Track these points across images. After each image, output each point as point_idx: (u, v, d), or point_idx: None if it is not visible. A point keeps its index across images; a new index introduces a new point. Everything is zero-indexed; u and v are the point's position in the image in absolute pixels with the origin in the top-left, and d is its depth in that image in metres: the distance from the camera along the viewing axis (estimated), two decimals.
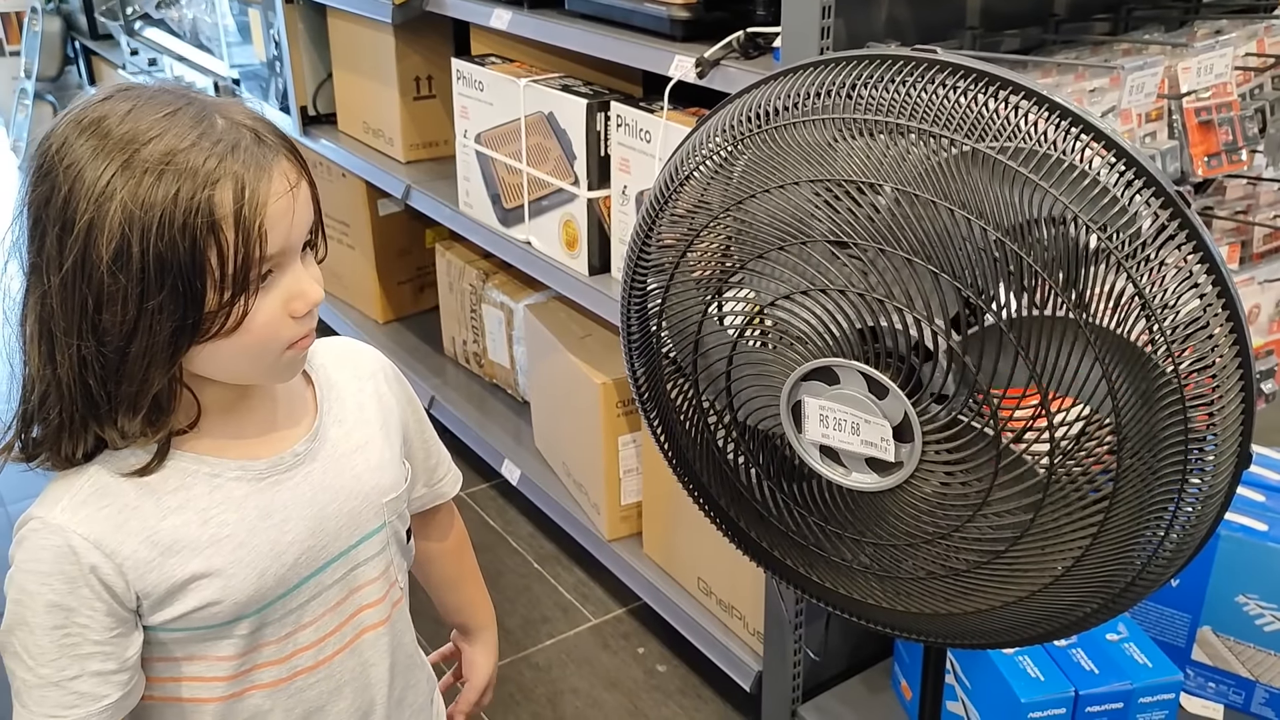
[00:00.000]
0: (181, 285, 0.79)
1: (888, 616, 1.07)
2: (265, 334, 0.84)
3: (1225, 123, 1.43)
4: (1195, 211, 0.80)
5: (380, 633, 1.00)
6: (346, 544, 0.96)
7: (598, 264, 1.94)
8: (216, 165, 0.80)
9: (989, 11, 1.50)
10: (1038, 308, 0.82)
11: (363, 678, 1.00)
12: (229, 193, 0.80)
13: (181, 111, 0.82)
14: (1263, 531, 1.52)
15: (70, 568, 0.84)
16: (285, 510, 0.92)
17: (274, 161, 0.83)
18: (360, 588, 0.98)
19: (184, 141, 0.80)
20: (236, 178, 0.80)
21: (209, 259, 0.80)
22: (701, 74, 1.50)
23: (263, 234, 0.81)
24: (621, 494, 2.04)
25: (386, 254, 2.91)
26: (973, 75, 0.84)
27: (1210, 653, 1.60)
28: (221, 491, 0.89)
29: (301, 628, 0.94)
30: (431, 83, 2.54)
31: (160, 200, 0.78)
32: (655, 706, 1.92)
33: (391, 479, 1.00)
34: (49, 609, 0.84)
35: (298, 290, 0.85)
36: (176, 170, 0.79)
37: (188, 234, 0.79)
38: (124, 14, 3.88)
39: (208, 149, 0.80)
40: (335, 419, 0.97)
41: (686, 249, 0.99)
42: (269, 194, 0.81)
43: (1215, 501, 0.86)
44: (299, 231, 0.85)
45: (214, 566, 0.88)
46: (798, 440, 0.98)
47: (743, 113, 0.94)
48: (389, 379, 1.05)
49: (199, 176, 0.79)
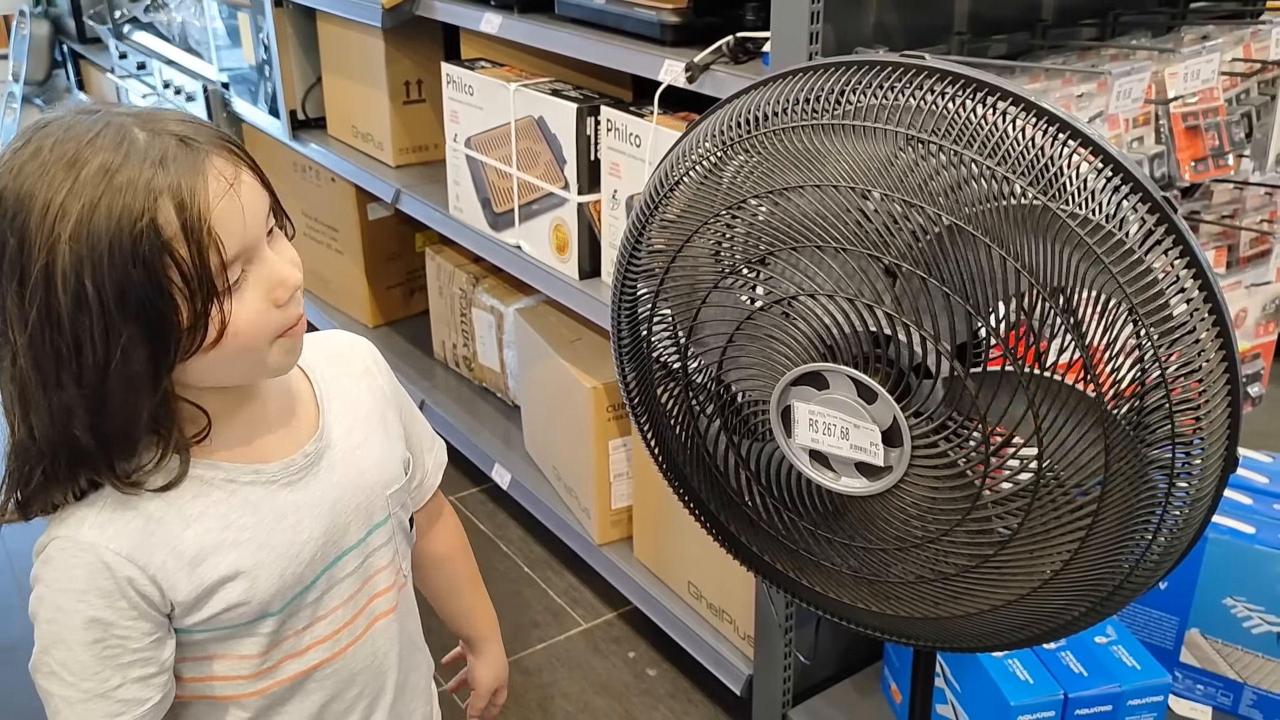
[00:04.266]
0: (148, 313, 0.79)
1: (877, 620, 1.07)
2: (253, 331, 0.84)
3: (1212, 127, 1.43)
4: (1182, 216, 0.81)
5: (390, 620, 1.03)
6: (357, 538, 0.98)
7: (588, 268, 1.94)
8: (149, 185, 0.78)
9: (977, 17, 1.50)
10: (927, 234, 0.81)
11: (374, 665, 1.02)
12: (169, 209, 0.78)
13: (101, 136, 0.79)
14: (1250, 534, 1.52)
15: (106, 583, 0.85)
16: (299, 511, 0.93)
17: (206, 163, 0.80)
18: (371, 578, 1.00)
19: (112, 167, 0.78)
20: (173, 192, 0.78)
21: (170, 279, 0.78)
22: (691, 78, 1.50)
23: (216, 240, 0.80)
24: (612, 498, 2.04)
25: (376, 258, 2.91)
26: (960, 81, 0.85)
27: (1198, 655, 1.60)
28: (238, 496, 0.90)
29: (319, 620, 0.96)
30: (421, 87, 2.54)
31: (104, 234, 0.76)
32: (646, 710, 1.92)
33: (393, 471, 1.02)
34: (88, 624, 0.85)
35: (275, 279, 0.85)
36: (111, 202, 0.77)
37: (140, 262, 0.77)
38: (112, 17, 3.86)
39: (136, 169, 0.78)
40: (336, 417, 0.98)
41: (676, 254, 0.99)
42: (209, 198, 0.79)
43: (1202, 505, 0.87)
44: (254, 223, 0.84)
45: (238, 569, 0.90)
46: (787, 445, 0.98)
47: (732, 118, 0.94)
48: (381, 371, 1.06)
49: (136, 201, 0.77)
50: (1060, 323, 0.82)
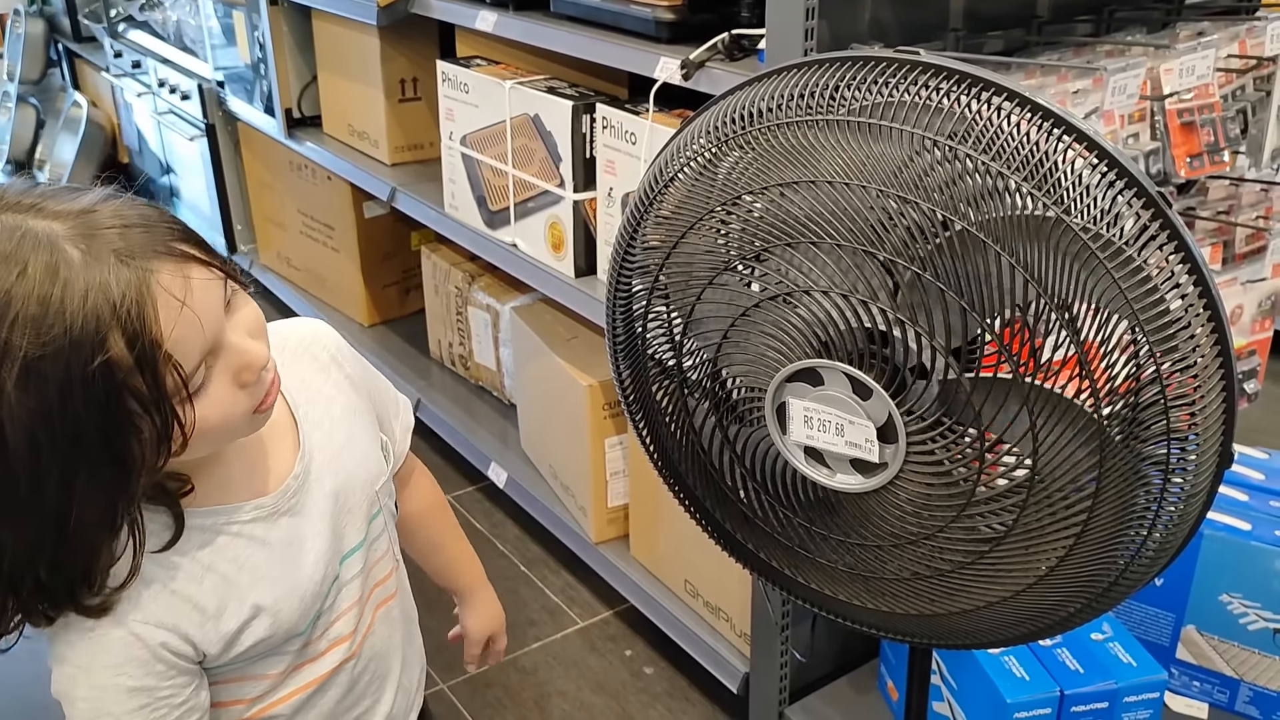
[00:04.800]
0: (107, 451, 0.74)
1: (873, 617, 1.07)
2: (222, 421, 0.80)
3: (1207, 124, 1.43)
4: (1177, 212, 0.81)
5: (391, 605, 1.04)
6: (358, 539, 0.99)
7: (584, 266, 1.93)
8: (96, 320, 0.70)
9: (972, 13, 1.50)
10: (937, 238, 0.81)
11: (382, 651, 1.03)
12: (120, 344, 0.71)
13: (32, 257, 0.70)
14: (1246, 531, 1.52)
15: (141, 652, 0.84)
16: (302, 531, 0.93)
17: (153, 277, 0.73)
18: (372, 569, 1.01)
19: (51, 301, 0.70)
20: (122, 325, 0.71)
21: (128, 410, 0.73)
22: (687, 76, 1.50)
23: (173, 361, 0.74)
24: (608, 496, 2.04)
25: (372, 257, 2.91)
26: (955, 76, 0.85)
27: (1195, 652, 1.60)
28: (243, 537, 0.89)
29: (334, 623, 0.97)
30: (417, 85, 2.53)
31: (52, 381, 0.70)
32: (642, 709, 1.92)
33: (378, 465, 1.02)
34: (130, 693, 0.85)
35: (239, 364, 0.80)
36: (57, 344, 0.70)
37: (94, 404, 0.72)
38: (107, 16, 3.86)
39: (77, 301, 0.70)
40: (314, 424, 0.97)
41: (671, 250, 0.99)
42: (161, 324, 0.73)
43: (1197, 501, 0.86)
44: (212, 323, 0.77)
45: (260, 607, 0.89)
46: (782, 442, 0.98)
47: (727, 114, 0.94)
48: (346, 358, 1.03)
49: (85, 341, 0.70)
50: (1055, 319, 0.82)
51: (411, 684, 1.10)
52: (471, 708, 1.92)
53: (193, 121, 3.31)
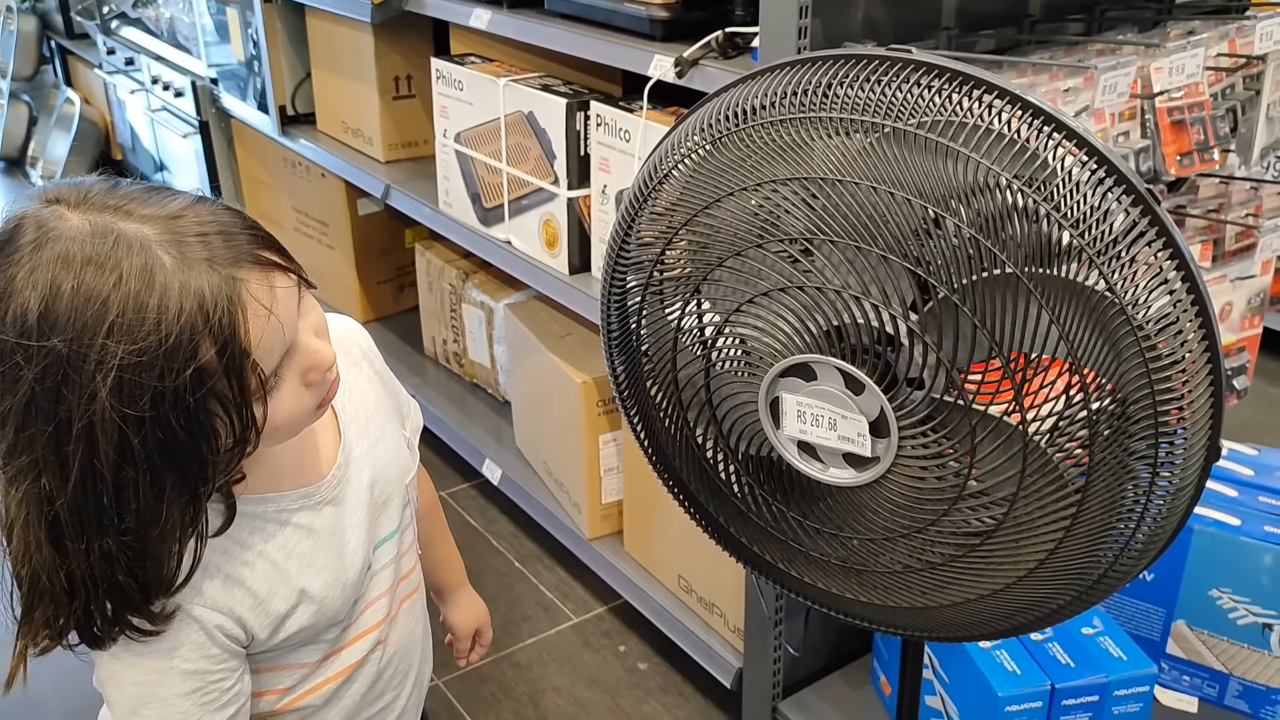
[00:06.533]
0: (193, 457, 0.75)
1: (865, 610, 1.08)
2: (290, 418, 0.82)
3: (1197, 122, 1.44)
4: (1167, 210, 0.81)
5: (415, 599, 1.06)
6: (390, 529, 1.00)
7: (578, 263, 1.94)
8: (191, 328, 0.71)
9: (964, 12, 1.51)
10: (985, 270, 0.81)
11: (407, 644, 1.05)
12: (210, 353, 0.72)
13: (125, 260, 0.70)
14: (1236, 526, 1.54)
15: (197, 635, 0.85)
16: (344, 521, 0.95)
17: (242, 286, 0.74)
18: (399, 561, 1.02)
19: (145, 305, 0.70)
20: (214, 335, 0.72)
21: (214, 416, 0.74)
22: (680, 73, 1.51)
23: (258, 368, 0.75)
24: (602, 493, 2.05)
25: (366, 254, 2.91)
26: (947, 74, 0.85)
27: (1185, 646, 1.61)
28: (291, 525, 0.91)
29: (364, 612, 0.98)
30: (411, 82, 2.54)
31: (148, 389, 0.70)
32: (636, 704, 1.93)
33: (406, 460, 1.04)
34: (185, 676, 0.86)
35: (309, 364, 0.82)
36: (152, 351, 0.70)
37: (185, 413, 0.72)
38: (100, 13, 3.85)
39: (173, 303, 0.70)
40: (351, 417, 0.99)
41: (666, 246, 1.00)
42: (251, 329, 0.74)
43: (1185, 495, 0.87)
44: (291, 328, 0.79)
45: (305, 594, 0.91)
46: (776, 436, 0.98)
47: (721, 111, 0.94)
48: (374, 356, 1.07)
49: (179, 350, 0.70)
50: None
51: (425, 680, 1.12)
52: (466, 703, 1.93)
53: (186, 119, 3.31)
